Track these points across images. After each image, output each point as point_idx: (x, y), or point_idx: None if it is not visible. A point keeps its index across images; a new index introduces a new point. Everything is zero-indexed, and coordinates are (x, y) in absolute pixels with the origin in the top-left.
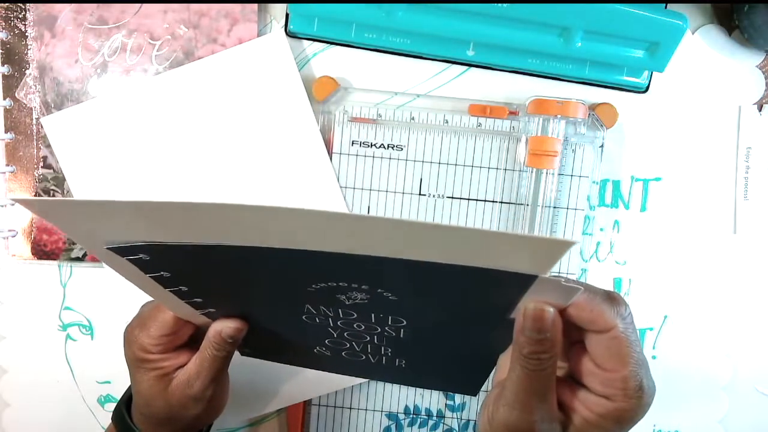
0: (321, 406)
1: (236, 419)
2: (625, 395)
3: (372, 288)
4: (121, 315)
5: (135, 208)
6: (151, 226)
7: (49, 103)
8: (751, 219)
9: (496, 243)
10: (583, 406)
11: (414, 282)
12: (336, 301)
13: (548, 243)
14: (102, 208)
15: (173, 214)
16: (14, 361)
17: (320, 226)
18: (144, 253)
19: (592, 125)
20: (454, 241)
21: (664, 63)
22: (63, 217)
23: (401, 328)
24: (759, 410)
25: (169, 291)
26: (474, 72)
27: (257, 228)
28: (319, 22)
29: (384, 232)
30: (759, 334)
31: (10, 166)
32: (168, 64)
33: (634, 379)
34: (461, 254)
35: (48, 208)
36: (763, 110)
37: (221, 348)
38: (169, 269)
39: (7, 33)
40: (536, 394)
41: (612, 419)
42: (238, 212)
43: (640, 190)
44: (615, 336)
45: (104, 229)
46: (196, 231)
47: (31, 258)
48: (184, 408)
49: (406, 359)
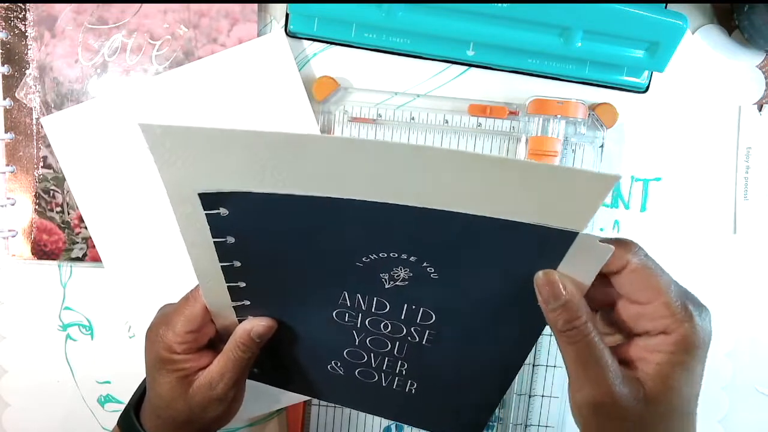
0: (321, 406)
1: (236, 419)
2: (675, 320)
3: (418, 261)
4: (121, 315)
5: (257, 138)
6: (258, 162)
7: (49, 103)
8: (751, 219)
9: (549, 176)
10: (650, 352)
11: (461, 245)
12: (376, 284)
13: (597, 177)
14: (233, 136)
15: (293, 144)
16: (14, 361)
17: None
18: (227, 205)
19: (592, 125)
20: (511, 173)
21: (664, 63)
22: (178, 148)
23: (427, 328)
24: (759, 410)
25: (221, 265)
26: (474, 72)
27: (357, 167)
28: (319, 22)
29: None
30: (759, 334)
31: (10, 166)
32: (168, 64)
33: (676, 301)
34: (513, 193)
35: (173, 133)
36: (763, 110)
37: (247, 349)
38: (237, 233)
39: (7, 33)
40: (591, 363)
41: (680, 351)
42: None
43: (640, 190)
44: (634, 269)
45: (209, 169)
46: (293, 174)
47: (31, 258)
48: (204, 410)
49: (419, 381)
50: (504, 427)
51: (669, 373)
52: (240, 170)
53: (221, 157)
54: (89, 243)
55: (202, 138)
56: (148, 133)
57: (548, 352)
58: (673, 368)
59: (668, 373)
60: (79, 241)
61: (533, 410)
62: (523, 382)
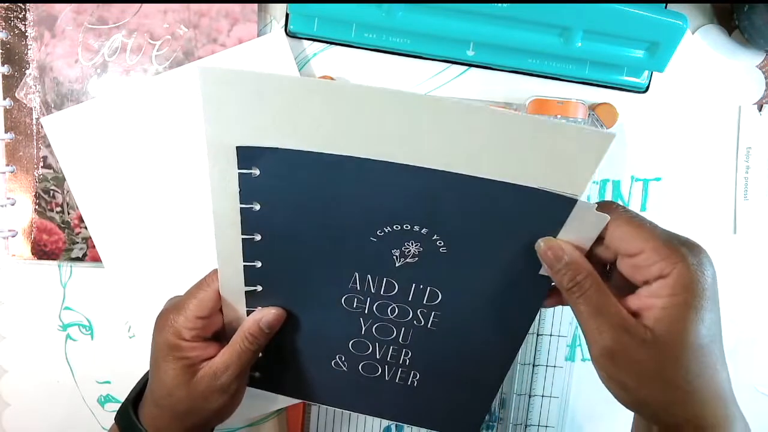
0: (321, 406)
1: (236, 419)
2: (668, 263)
3: (429, 234)
4: (121, 315)
5: (301, 84)
6: (303, 116)
7: (49, 103)
8: (751, 219)
9: (551, 131)
10: (652, 298)
11: (469, 213)
12: (387, 262)
13: (595, 134)
14: (279, 80)
15: (328, 92)
16: (14, 361)
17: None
18: (260, 163)
19: (592, 125)
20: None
21: (664, 63)
22: (230, 94)
23: (433, 309)
24: (759, 410)
25: (242, 237)
26: (474, 72)
27: (382, 122)
28: (319, 22)
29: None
30: (759, 334)
31: (10, 166)
32: (168, 64)
33: (666, 245)
34: (521, 155)
35: (229, 78)
36: (763, 110)
37: (255, 340)
38: (264, 198)
39: (7, 33)
40: (599, 314)
41: (679, 290)
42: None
43: (640, 190)
44: (617, 223)
45: (250, 121)
46: (329, 130)
47: (31, 258)
48: (205, 400)
49: (422, 371)
50: (504, 427)
51: (673, 313)
52: (279, 123)
53: (265, 106)
54: (89, 243)
55: (254, 82)
56: (206, 76)
57: (548, 352)
58: (676, 308)
59: (672, 313)
60: (79, 241)
61: (533, 410)
62: (523, 382)
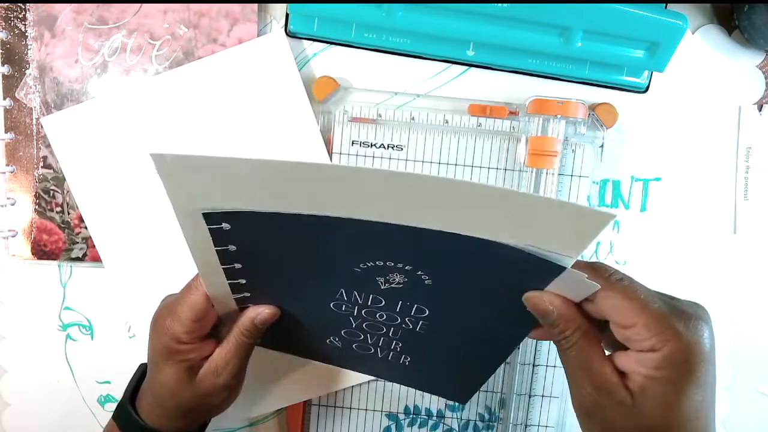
0: (321, 406)
1: (236, 419)
2: (660, 339)
3: (413, 270)
4: (121, 315)
5: (261, 167)
6: (261, 187)
7: (49, 103)
8: (751, 219)
9: (545, 208)
10: (638, 365)
11: (455, 261)
12: (372, 285)
13: (593, 213)
14: (232, 164)
15: (292, 173)
16: (14, 361)
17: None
18: (229, 221)
19: (592, 125)
20: (508, 202)
21: (664, 63)
22: (185, 174)
23: (421, 319)
24: (759, 410)
25: (222, 267)
26: (474, 72)
27: (356, 194)
28: (319, 22)
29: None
30: (759, 334)
31: (10, 166)
32: (168, 64)
33: (659, 320)
34: (511, 221)
35: (181, 162)
36: (763, 110)
37: (251, 335)
38: (238, 242)
39: (7, 33)
40: (582, 369)
41: (666, 366)
42: (361, 175)
43: (640, 190)
44: (606, 295)
45: (214, 192)
46: (296, 197)
47: (31, 258)
48: (209, 397)
49: (412, 357)
50: (504, 427)
51: (656, 387)
52: (243, 193)
53: (226, 182)
54: (89, 243)
55: (209, 166)
56: (159, 162)
57: (548, 353)
58: (660, 382)
59: (655, 386)
60: (79, 241)
61: (533, 410)
62: (523, 382)
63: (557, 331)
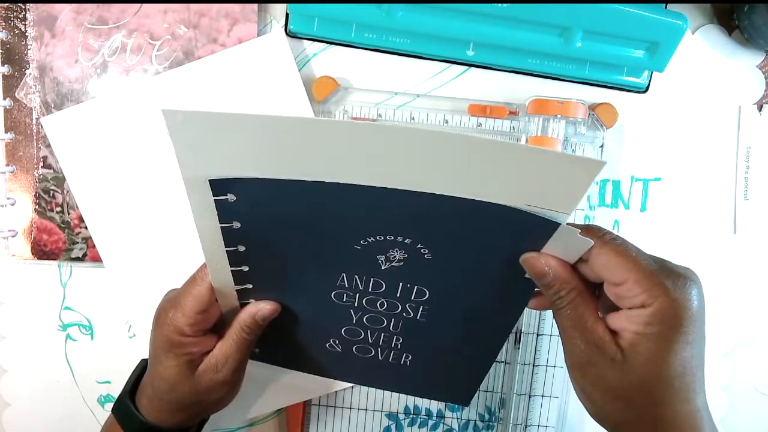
0: (321, 406)
1: (236, 419)
2: (650, 295)
3: (412, 243)
4: (121, 315)
5: (270, 122)
6: (270, 148)
7: (49, 103)
8: (751, 219)
9: (540, 159)
10: (629, 322)
11: (452, 228)
12: (373, 266)
13: (583, 162)
14: (243, 120)
15: (300, 128)
16: (14, 361)
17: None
18: (235, 191)
19: (592, 125)
20: (504, 155)
21: (664, 63)
22: (195, 133)
23: (421, 304)
24: (759, 410)
25: (226, 250)
26: (474, 72)
27: (359, 153)
28: (319, 22)
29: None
30: (759, 334)
31: (10, 166)
32: (168, 64)
33: (649, 277)
34: (505, 177)
35: (192, 119)
36: (763, 110)
37: (251, 331)
38: (243, 218)
39: (7, 33)
40: (575, 328)
41: (655, 322)
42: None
43: (640, 190)
44: (601, 250)
45: (221, 155)
46: (302, 158)
47: (31, 258)
48: (209, 392)
49: (413, 354)
50: (504, 427)
51: (644, 342)
52: (249, 156)
53: (233, 143)
54: (89, 243)
55: (218, 122)
56: (170, 118)
57: (548, 353)
58: (648, 337)
59: (644, 342)
60: (79, 241)
61: (533, 410)
62: (523, 382)
63: (553, 291)
